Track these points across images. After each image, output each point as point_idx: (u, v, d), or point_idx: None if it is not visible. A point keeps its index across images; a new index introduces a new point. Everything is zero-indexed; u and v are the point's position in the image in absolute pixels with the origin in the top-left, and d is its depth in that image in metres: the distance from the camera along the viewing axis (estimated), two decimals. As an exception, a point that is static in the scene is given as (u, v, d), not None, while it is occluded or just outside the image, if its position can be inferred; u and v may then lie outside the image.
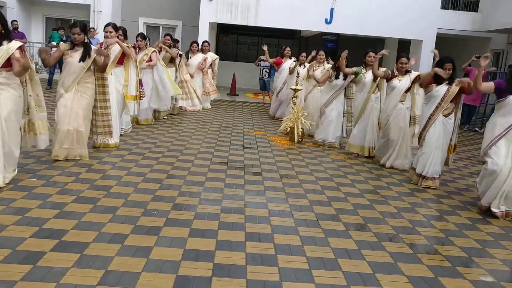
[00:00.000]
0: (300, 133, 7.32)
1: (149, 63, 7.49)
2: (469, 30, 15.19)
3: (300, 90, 7.93)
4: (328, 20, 13.72)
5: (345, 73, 6.91)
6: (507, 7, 13.27)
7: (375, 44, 19.21)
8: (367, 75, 6.52)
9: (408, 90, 6.01)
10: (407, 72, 6.02)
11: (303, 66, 8.84)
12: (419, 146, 5.48)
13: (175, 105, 9.21)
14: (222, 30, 18.48)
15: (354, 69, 6.73)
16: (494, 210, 4.38)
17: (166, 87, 7.93)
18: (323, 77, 7.35)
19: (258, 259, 3.09)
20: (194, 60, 10.18)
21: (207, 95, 10.67)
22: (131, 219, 3.58)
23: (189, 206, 4.01)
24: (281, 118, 9.20)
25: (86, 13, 15.12)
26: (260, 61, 12.34)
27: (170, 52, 8.66)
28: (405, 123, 5.97)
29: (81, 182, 4.40)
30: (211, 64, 10.65)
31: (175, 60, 8.87)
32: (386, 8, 13.54)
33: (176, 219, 3.66)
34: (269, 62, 10.66)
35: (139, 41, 7.64)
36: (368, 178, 5.53)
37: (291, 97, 8.03)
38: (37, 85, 4.43)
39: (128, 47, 6.32)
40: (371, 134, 6.45)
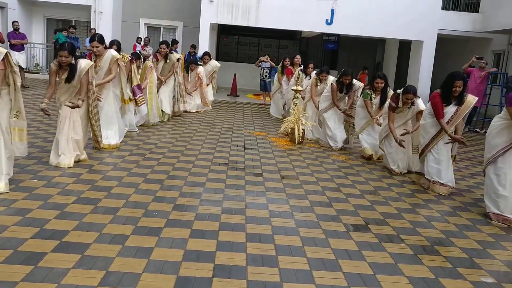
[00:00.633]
0: (301, 134, 7.33)
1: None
2: (470, 30, 15.19)
3: (301, 91, 7.93)
4: (329, 21, 13.73)
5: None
6: (508, 7, 13.26)
7: (375, 45, 19.25)
8: (375, 100, 6.50)
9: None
10: (412, 104, 5.75)
11: (309, 77, 8.68)
12: (420, 161, 5.40)
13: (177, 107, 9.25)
14: (223, 31, 18.50)
15: (365, 97, 6.52)
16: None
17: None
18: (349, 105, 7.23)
19: (258, 260, 3.09)
20: (206, 71, 10.41)
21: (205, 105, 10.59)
22: (132, 220, 3.58)
23: (190, 207, 4.01)
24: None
25: (87, 14, 15.15)
26: (261, 62, 12.34)
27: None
28: (408, 144, 5.81)
29: (82, 183, 4.41)
30: (213, 73, 10.73)
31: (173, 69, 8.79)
32: (386, 9, 13.55)
33: (176, 220, 3.66)
34: (279, 78, 10.27)
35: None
36: (369, 179, 5.53)
37: (292, 98, 8.03)
38: (18, 92, 4.14)
39: (124, 60, 6.21)
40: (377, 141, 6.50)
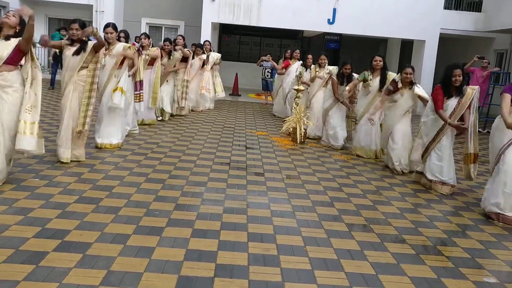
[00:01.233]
0: (303, 134, 7.32)
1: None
2: (472, 30, 15.14)
3: (303, 90, 7.93)
4: (331, 20, 13.71)
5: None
6: (511, 7, 13.22)
7: (377, 44, 19.22)
8: (374, 81, 6.45)
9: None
10: (412, 83, 5.80)
11: (308, 70, 8.76)
12: (422, 162, 5.35)
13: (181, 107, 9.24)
14: (225, 30, 18.48)
15: (360, 77, 6.60)
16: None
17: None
18: (348, 91, 6.90)
19: (260, 259, 3.08)
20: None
21: (207, 91, 10.45)
22: (133, 220, 3.58)
23: (192, 207, 4.01)
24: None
25: (89, 13, 15.15)
26: (262, 62, 12.33)
27: (183, 51, 8.74)
28: (408, 132, 5.86)
29: (83, 182, 4.41)
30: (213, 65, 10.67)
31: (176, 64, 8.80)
32: (388, 8, 13.52)
33: (178, 220, 3.66)
34: (277, 68, 10.56)
35: (142, 39, 7.67)
36: (371, 179, 5.52)
37: (294, 97, 8.03)
38: (38, 85, 4.32)
39: (130, 48, 6.28)
40: (376, 137, 6.44)
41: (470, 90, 5.02)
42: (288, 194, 4.60)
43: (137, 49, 6.58)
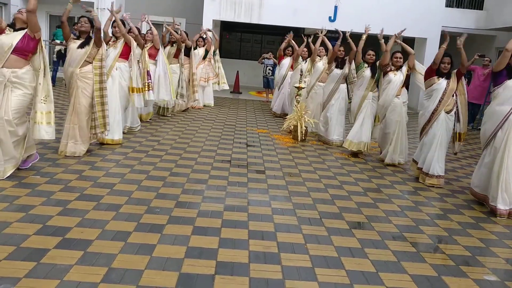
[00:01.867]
0: (304, 131, 7.31)
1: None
2: (474, 28, 15.09)
3: (304, 88, 7.93)
4: (332, 18, 13.68)
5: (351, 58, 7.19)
6: (513, 5, 13.19)
7: (378, 42, 19.17)
8: (366, 71, 6.56)
9: (404, 85, 6.17)
10: (401, 67, 6.25)
11: (305, 61, 8.89)
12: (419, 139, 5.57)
13: (183, 102, 9.27)
14: (226, 28, 18.45)
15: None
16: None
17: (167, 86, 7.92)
18: (330, 56, 7.67)
19: (261, 257, 3.09)
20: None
21: (206, 81, 10.49)
22: (134, 217, 3.58)
23: (192, 204, 4.01)
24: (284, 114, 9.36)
25: (90, 11, 15.14)
26: (264, 59, 12.33)
27: (186, 42, 9.03)
28: (401, 117, 6.04)
29: (84, 180, 4.42)
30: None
31: (178, 56, 8.88)
32: (390, 6, 13.48)
33: (179, 217, 3.67)
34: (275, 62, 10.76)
35: (149, 33, 7.92)
36: (372, 177, 5.52)
37: (294, 95, 8.03)
38: (48, 75, 4.53)
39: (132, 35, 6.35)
40: (367, 130, 6.42)
41: (455, 71, 5.50)
42: (289, 192, 4.60)
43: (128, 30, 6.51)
